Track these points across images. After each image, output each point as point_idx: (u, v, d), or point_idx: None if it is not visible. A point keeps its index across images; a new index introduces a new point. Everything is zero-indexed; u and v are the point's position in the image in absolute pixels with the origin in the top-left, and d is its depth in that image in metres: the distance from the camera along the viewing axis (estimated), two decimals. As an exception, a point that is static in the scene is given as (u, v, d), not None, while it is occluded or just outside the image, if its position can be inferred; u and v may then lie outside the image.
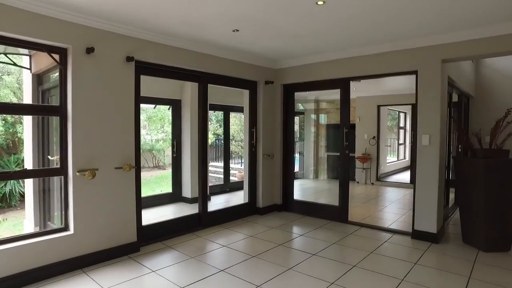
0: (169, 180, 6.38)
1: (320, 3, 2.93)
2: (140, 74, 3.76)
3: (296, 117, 8.48)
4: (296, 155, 7.60)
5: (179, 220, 4.44)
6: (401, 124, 11.20)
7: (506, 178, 3.62)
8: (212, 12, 3.19)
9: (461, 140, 5.29)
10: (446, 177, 4.59)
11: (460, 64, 5.14)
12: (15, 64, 4.01)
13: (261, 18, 3.36)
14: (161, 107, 8.96)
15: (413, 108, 5.25)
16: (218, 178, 8.14)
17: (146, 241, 3.88)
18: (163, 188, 7.46)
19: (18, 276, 2.82)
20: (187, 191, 6.05)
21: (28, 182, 4.30)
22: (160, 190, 7.40)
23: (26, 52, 3.91)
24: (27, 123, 4.20)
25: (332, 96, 7.76)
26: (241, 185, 5.61)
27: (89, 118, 3.26)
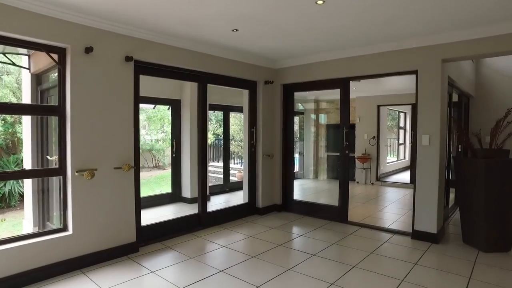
0: (169, 180, 6.38)
1: (320, 3, 2.92)
2: (139, 74, 3.75)
3: (296, 117, 8.47)
4: (296, 155, 7.59)
5: (179, 220, 4.43)
6: (401, 124, 11.20)
7: (507, 178, 3.61)
8: (212, 12, 3.18)
9: (461, 140, 5.28)
10: (446, 177, 4.58)
11: (460, 64, 5.13)
12: (14, 64, 4.00)
13: (261, 18, 3.35)
14: (161, 107, 8.95)
15: (413, 108, 5.24)
16: (218, 178, 8.13)
17: (146, 242, 3.87)
18: (163, 188, 7.45)
19: (17, 277, 2.81)
20: (187, 191, 6.05)
21: (27, 182, 4.28)
22: (160, 190, 7.39)
23: (25, 52, 3.90)
24: (26, 123, 4.19)
25: (332, 96, 7.75)
26: (241, 185, 5.61)
27: (88, 118, 3.25)
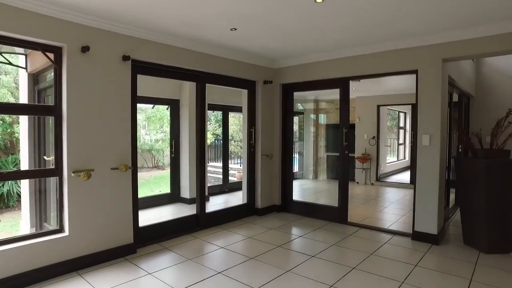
0: (168, 181, 6.35)
1: (319, 1, 2.88)
2: (137, 74, 3.72)
3: (296, 117, 8.43)
4: (296, 155, 7.56)
5: (177, 221, 4.39)
6: (401, 124, 11.17)
7: (508, 179, 3.57)
8: (210, 11, 3.14)
9: (462, 140, 5.25)
10: (447, 178, 4.55)
11: (461, 64, 5.10)
12: (11, 63, 3.95)
13: (260, 17, 3.31)
14: (160, 107, 8.92)
15: (413, 108, 5.21)
16: (217, 179, 8.10)
17: (143, 243, 3.83)
18: (162, 189, 7.41)
19: (12, 279, 2.77)
20: (186, 192, 6.02)
21: (24, 183, 4.25)
22: (159, 191, 7.35)
23: (22, 51, 3.86)
24: (23, 123, 4.15)
25: (332, 96, 7.69)
26: (241, 186, 5.57)
27: (85, 118, 3.21)
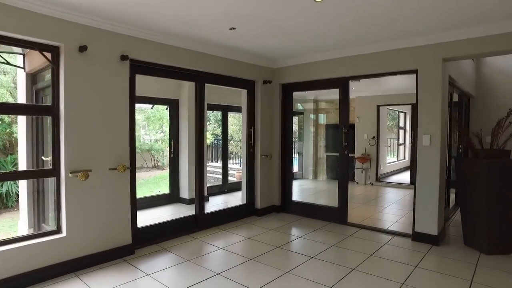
0: (168, 181, 6.33)
1: (318, 0, 2.86)
2: (135, 73, 3.69)
3: (295, 117, 8.41)
4: (295, 155, 7.53)
5: (176, 222, 4.37)
6: (401, 124, 11.15)
7: (509, 179, 3.55)
8: (209, 10, 3.12)
9: (462, 140, 5.23)
10: (447, 178, 4.52)
11: (461, 64, 5.07)
12: (8, 63, 3.92)
13: (259, 16, 3.29)
14: (160, 107, 8.90)
15: (413, 108, 5.19)
16: (217, 179, 8.08)
17: (142, 244, 3.81)
18: (162, 189, 7.39)
19: (8, 281, 2.75)
20: (185, 192, 6.00)
21: (22, 183, 4.23)
22: (159, 191, 7.33)
23: (20, 51, 3.83)
24: (21, 123, 4.13)
25: (332, 96, 7.67)
26: (240, 186, 5.55)
27: (82, 118, 3.19)
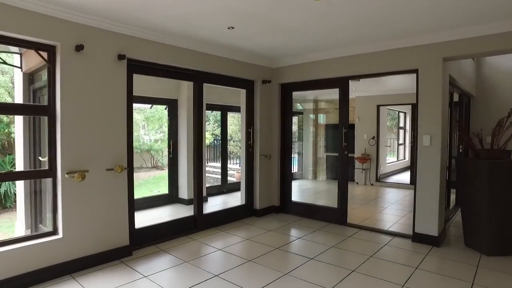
0: (167, 181, 6.29)
1: (318, -1, 2.83)
2: (133, 73, 3.66)
3: (295, 117, 8.38)
4: (295, 156, 7.50)
5: (174, 223, 4.33)
6: (401, 124, 11.11)
7: (510, 180, 3.51)
8: (208, 9, 3.08)
9: (462, 140, 5.20)
10: (447, 178, 4.49)
11: (461, 63, 5.04)
12: (5, 63, 3.89)
13: (257, 15, 3.25)
14: (159, 107, 8.87)
15: (413, 108, 5.16)
16: (216, 179, 8.04)
17: (139, 245, 3.77)
18: (161, 189, 7.36)
19: (2, 284, 2.71)
20: (184, 192, 5.96)
21: (20, 184, 4.19)
22: (158, 191, 7.30)
23: (17, 50, 3.80)
24: (18, 123, 4.09)
25: (331, 96, 7.64)
26: (239, 186, 5.52)
27: (79, 118, 3.15)
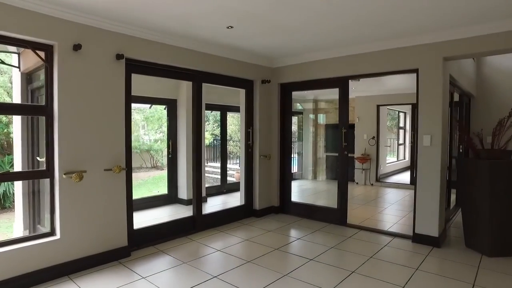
0: (166, 181, 6.27)
1: (317, -2, 2.81)
2: (131, 73, 3.64)
3: (295, 117, 8.36)
4: (295, 156, 7.47)
5: (173, 223, 4.30)
6: (401, 124, 11.09)
7: (511, 180, 3.49)
8: (207, 9, 3.06)
9: (463, 140, 5.17)
10: (447, 178, 4.46)
11: (461, 63, 5.02)
12: (3, 62, 3.86)
13: (257, 14, 3.23)
14: (159, 107, 8.84)
15: (413, 108, 5.14)
16: (216, 179, 8.02)
17: (138, 246, 3.75)
18: (160, 189, 7.34)
19: (1, 285, 2.69)
20: (183, 193, 5.94)
21: (18, 184, 4.16)
22: (157, 191, 7.28)
23: (15, 50, 3.77)
24: (16, 123, 4.07)
25: (331, 96, 7.61)
26: (239, 186, 5.50)
27: (77, 118, 3.13)
